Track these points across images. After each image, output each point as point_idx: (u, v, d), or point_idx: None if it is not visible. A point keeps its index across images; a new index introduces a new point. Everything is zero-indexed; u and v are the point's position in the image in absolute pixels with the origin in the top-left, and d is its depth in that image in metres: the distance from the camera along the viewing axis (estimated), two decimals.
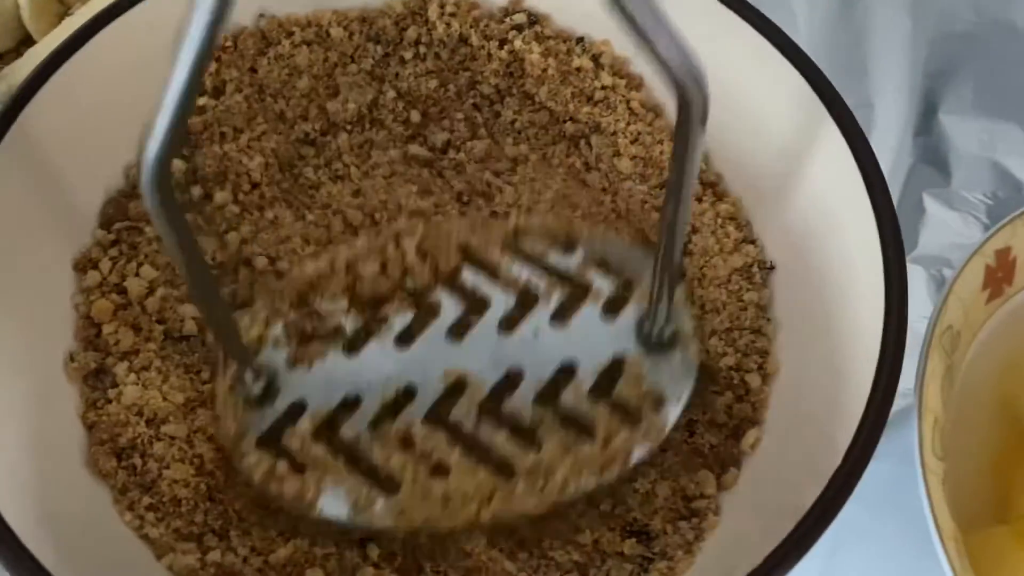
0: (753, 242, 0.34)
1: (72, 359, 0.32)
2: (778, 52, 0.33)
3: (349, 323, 0.33)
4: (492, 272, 0.34)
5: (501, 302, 0.33)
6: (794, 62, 0.33)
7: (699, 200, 0.35)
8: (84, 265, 0.34)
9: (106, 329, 0.33)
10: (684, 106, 0.23)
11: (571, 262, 0.34)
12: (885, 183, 0.31)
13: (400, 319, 0.33)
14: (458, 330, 0.33)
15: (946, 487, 0.30)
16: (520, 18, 0.37)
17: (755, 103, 0.34)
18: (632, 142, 0.36)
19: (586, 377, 0.31)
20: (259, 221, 0.35)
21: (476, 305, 0.33)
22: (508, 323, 0.33)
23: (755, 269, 0.34)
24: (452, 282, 0.34)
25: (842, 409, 0.28)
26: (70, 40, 0.34)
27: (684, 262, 0.34)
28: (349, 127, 0.37)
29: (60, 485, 0.29)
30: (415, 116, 0.37)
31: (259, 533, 0.30)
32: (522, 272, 0.34)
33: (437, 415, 0.31)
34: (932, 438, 0.30)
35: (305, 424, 0.31)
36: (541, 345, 0.32)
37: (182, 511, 0.30)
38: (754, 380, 0.32)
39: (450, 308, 0.33)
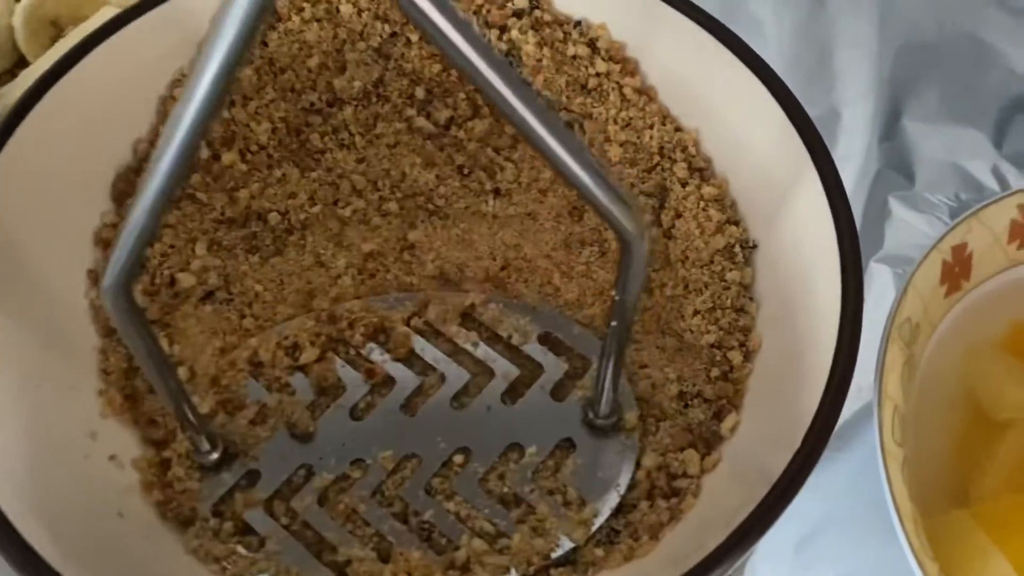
0: (736, 223, 0.35)
1: (105, 356, 0.33)
2: (753, 75, 0.34)
3: (305, 393, 0.34)
4: (447, 346, 0.35)
5: (455, 376, 0.34)
6: (767, 84, 0.34)
7: (684, 185, 0.36)
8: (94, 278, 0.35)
9: None
10: (627, 251, 0.25)
11: (525, 339, 0.35)
12: (842, 185, 0.32)
13: (355, 391, 0.34)
14: (412, 404, 0.34)
15: (908, 473, 0.31)
16: (522, 2, 0.38)
17: (729, 109, 0.35)
18: (623, 127, 0.37)
19: (531, 459, 0.33)
20: (267, 179, 0.37)
21: (431, 380, 0.34)
22: (461, 397, 0.34)
23: (737, 249, 0.35)
24: (405, 354, 0.35)
25: (809, 384, 0.29)
26: (63, 59, 0.35)
27: (665, 247, 0.36)
28: (355, 101, 0.38)
29: (62, 482, 0.30)
30: (420, 93, 0.38)
31: None
32: (477, 347, 0.35)
33: (385, 491, 0.32)
34: (892, 424, 0.31)
35: (259, 494, 0.32)
36: (491, 423, 0.33)
37: None
38: (736, 357, 0.33)
39: (405, 381, 0.34)
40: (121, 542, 0.30)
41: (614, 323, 0.28)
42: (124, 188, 0.36)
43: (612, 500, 0.32)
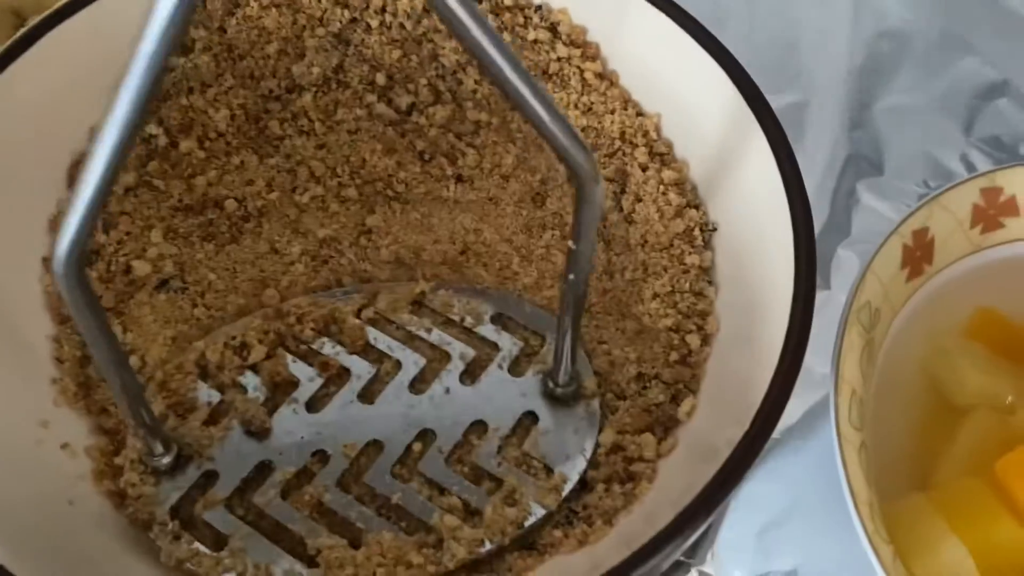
0: (696, 207, 0.35)
1: (59, 344, 0.33)
2: (706, 53, 0.34)
3: (258, 391, 0.34)
4: (401, 333, 0.35)
5: (411, 362, 0.34)
6: (725, 67, 0.34)
7: (644, 169, 0.36)
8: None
9: None
10: (582, 194, 0.25)
11: (478, 321, 0.35)
12: (796, 165, 0.32)
13: (310, 385, 0.34)
14: (369, 393, 0.34)
15: (867, 458, 0.31)
16: None
17: (690, 93, 0.35)
18: (584, 112, 0.37)
19: (495, 435, 0.33)
20: (225, 166, 0.37)
21: (386, 367, 0.34)
22: (419, 383, 0.34)
23: (697, 232, 0.34)
24: (361, 347, 0.35)
25: (763, 366, 0.29)
26: (14, 43, 0.34)
27: (626, 232, 0.35)
28: (315, 88, 0.37)
29: (10, 470, 0.30)
30: (380, 79, 0.37)
31: None
32: (431, 332, 0.35)
33: (350, 480, 0.32)
34: (848, 408, 0.31)
35: (218, 494, 0.31)
36: (452, 404, 0.33)
37: None
38: (694, 341, 0.33)
39: (360, 371, 0.34)
40: (71, 530, 0.30)
41: (571, 276, 0.28)
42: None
43: (580, 465, 0.32)
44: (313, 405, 0.33)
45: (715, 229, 0.34)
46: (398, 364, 0.34)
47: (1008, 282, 0.37)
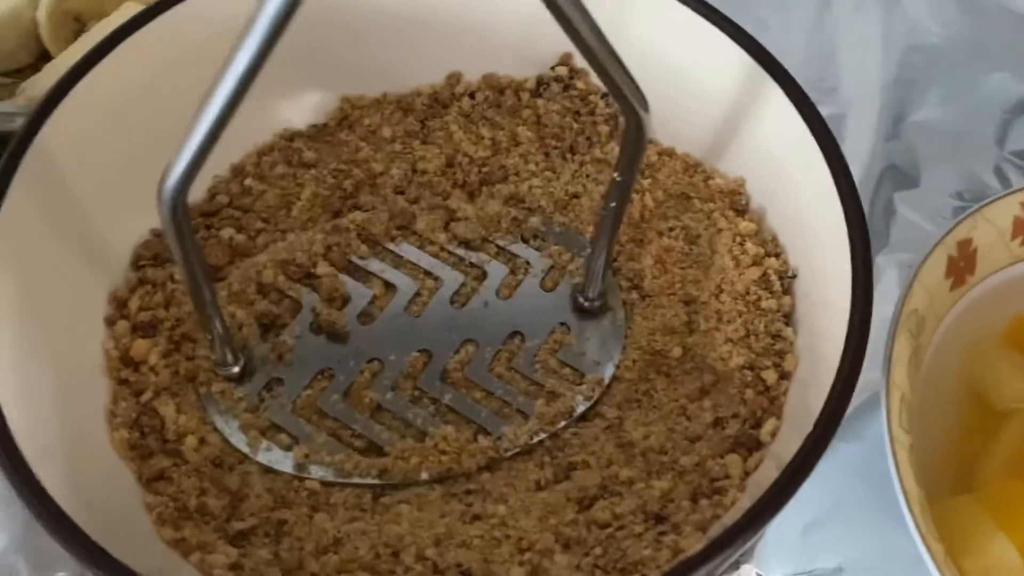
0: (777, 255, 0.36)
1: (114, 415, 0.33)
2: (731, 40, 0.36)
3: (312, 303, 0.36)
4: (440, 252, 0.37)
5: (451, 278, 0.37)
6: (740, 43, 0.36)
7: (717, 223, 0.37)
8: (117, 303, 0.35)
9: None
10: (633, 129, 0.28)
11: (511, 239, 0.38)
12: (841, 153, 0.33)
13: (359, 298, 0.36)
14: (414, 307, 0.36)
15: (913, 460, 0.32)
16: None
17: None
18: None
19: (531, 344, 0.35)
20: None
21: (429, 284, 0.37)
22: (459, 297, 0.36)
23: (774, 278, 0.35)
24: (404, 264, 0.37)
25: (822, 378, 0.30)
26: (89, 55, 0.35)
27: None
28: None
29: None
30: None
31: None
32: (468, 250, 0.37)
33: (404, 384, 0.34)
34: (899, 412, 0.32)
35: (286, 398, 0.34)
36: (490, 317, 0.36)
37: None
38: (771, 376, 0.34)
39: (405, 287, 0.36)
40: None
41: (612, 203, 0.31)
42: None
43: (609, 371, 0.35)
44: (364, 318, 0.36)
45: (795, 276, 0.35)
46: (439, 281, 0.37)
47: None
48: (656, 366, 0.35)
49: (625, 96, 0.27)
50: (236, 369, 0.34)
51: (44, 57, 0.45)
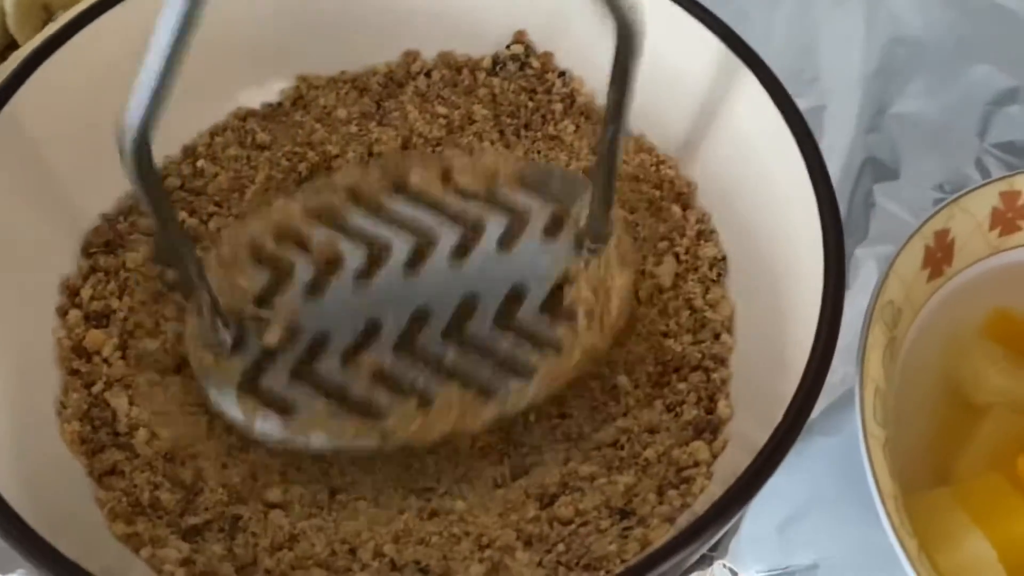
0: (712, 241, 0.36)
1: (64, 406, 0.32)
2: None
3: (305, 267, 0.34)
4: (436, 206, 0.36)
5: (448, 232, 0.35)
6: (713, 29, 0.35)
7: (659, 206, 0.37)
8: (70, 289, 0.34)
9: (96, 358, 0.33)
10: (626, 42, 0.26)
11: (505, 191, 0.36)
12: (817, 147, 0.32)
13: (353, 259, 0.35)
14: (412, 263, 0.35)
15: (890, 453, 0.32)
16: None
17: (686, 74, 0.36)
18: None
19: (535, 295, 0.34)
20: None
21: (425, 239, 0.35)
22: (458, 252, 0.35)
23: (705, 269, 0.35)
24: (398, 219, 0.36)
25: (795, 365, 0.29)
26: (49, 40, 0.35)
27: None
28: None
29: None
30: None
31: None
32: (465, 202, 0.36)
33: (405, 345, 0.33)
34: (873, 405, 0.31)
35: (281, 366, 0.32)
36: (491, 270, 0.34)
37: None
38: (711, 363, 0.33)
39: (401, 243, 0.35)
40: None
41: (609, 127, 0.29)
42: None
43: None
44: (360, 277, 0.34)
45: (724, 258, 0.35)
46: (436, 236, 0.35)
47: None
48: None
49: (617, 11, 0.25)
50: (228, 338, 0.32)
51: (12, 46, 0.44)
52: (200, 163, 0.38)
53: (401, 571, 0.29)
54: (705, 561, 0.35)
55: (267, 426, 0.32)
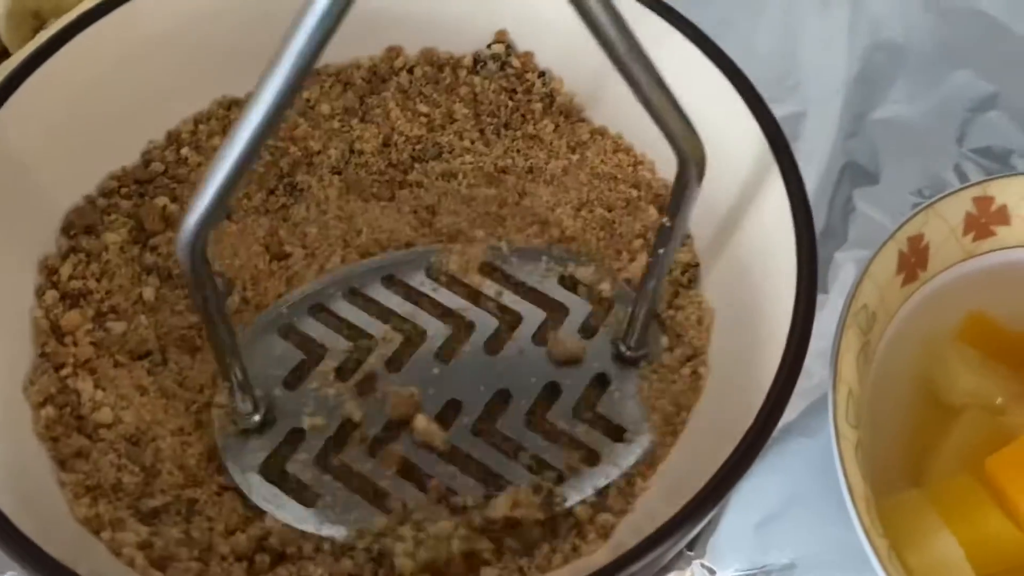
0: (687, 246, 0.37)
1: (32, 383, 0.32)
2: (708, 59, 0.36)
3: (339, 350, 0.34)
4: (473, 295, 0.36)
5: (484, 323, 0.35)
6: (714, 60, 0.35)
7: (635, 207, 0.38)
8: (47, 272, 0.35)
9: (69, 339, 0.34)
10: (685, 168, 0.27)
11: (546, 282, 0.36)
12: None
13: (388, 345, 0.34)
14: (446, 353, 0.34)
15: (864, 455, 0.32)
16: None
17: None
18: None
19: (569, 397, 0.34)
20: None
21: (461, 328, 0.35)
22: (492, 344, 0.35)
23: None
24: (435, 308, 0.35)
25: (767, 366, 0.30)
26: (41, 48, 0.35)
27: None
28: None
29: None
30: None
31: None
32: (501, 294, 0.36)
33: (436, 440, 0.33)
34: (846, 407, 0.32)
35: (305, 452, 0.32)
36: (525, 365, 0.34)
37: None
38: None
39: (436, 332, 0.35)
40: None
41: (660, 250, 0.30)
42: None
43: (647, 427, 0.33)
44: (393, 364, 0.34)
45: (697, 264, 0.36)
46: (472, 325, 0.35)
47: (998, 288, 0.38)
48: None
49: (677, 142, 0.26)
50: (257, 418, 0.32)
51: (3, 55, 0.45)
52: (184, 151, 0.38)
53: (353, 547, 0.30)
54: (683, 560, 0.36)
55: (288, 515, 0.31)
